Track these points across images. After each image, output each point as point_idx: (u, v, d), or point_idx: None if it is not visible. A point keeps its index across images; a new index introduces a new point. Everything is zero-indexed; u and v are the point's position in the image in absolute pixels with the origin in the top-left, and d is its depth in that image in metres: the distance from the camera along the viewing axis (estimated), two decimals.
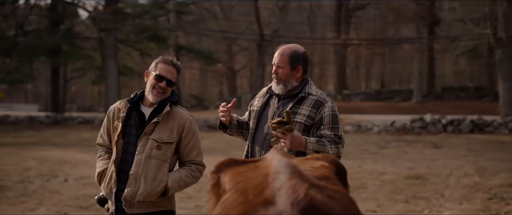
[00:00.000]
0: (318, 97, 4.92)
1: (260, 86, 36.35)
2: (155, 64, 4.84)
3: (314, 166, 2.72)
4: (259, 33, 37.57)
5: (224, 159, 2.85)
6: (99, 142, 5.11)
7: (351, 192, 8.86)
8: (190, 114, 4.99)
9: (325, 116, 4.83)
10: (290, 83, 4.92)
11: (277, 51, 5.00)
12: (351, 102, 43.84)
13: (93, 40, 36.68)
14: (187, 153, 4.93)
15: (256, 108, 5.10)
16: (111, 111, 4.99)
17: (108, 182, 4.82)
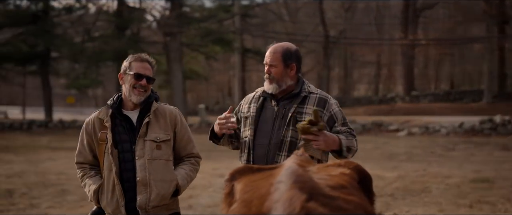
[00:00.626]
0: (320, 95, 4.75)
1: (327, 89, 36.03)
2: (128, 64, 4.60)
3: (333, 174, 2.52)
4: (324, 35, 37.21)
5: (239, 166, 2.69)
6: (79, 160, 4.78)
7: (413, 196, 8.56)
8: (175, 107, 4.80)
9: (335, 113, 4.68)
10: (284, 82, 4.70)
11: (268, 50, 4.78)
12: (420, 103, 43.03)
13: (158, 45, 36.97)
14: (183, 147, 4.75)
15: (251, 113, 4.83)
16: (89, 124, 4.70)
17: (111, 197, 4.54)
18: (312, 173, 2.37)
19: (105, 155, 4.57)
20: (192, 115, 40.57)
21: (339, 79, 58.54)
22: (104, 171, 4.59)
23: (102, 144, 4.57)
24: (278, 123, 4.68)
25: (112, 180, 4.52)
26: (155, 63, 4.69)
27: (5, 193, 12.23)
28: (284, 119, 4.66)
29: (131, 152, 4.54)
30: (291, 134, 4.60)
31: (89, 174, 4.69)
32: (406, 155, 18.18)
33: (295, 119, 4.62)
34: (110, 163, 4.52)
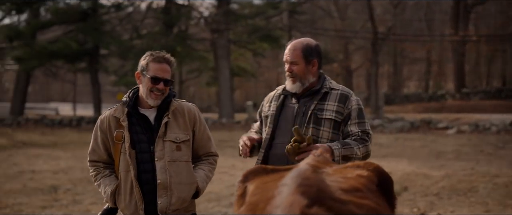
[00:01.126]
0: (341, 91, 4.58)
1: (375, 85, 35.63)
2: (145, 63, 4.42)
3: (349, 176, 2.39)
4: (373, 31, 36.81)
5: (253, 167, 2.58)
6: (93, 158, 4.60)
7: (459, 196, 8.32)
8: (193, 104, 4.63)
9: (352, 111, 4.52)
10: (307, 79, 4.56)
11: (287, 47, 4.63)
12: (470, 101, 42.29)
13: (206, 42, 37.04)
14: (202, 146, 4.60)
15: (271, 112, 4.69)
16: (104, 121, 4.51)
17: (129, 200, 4.39)
18: (326, 175, 2.26)
19: (121, 155, 4.42)
20: (240, 111, 40.58)
21: (389, 76, 57.96)
22: (120, 171, 4.44)
23: (118, 143, 4.42)
24: (299, 121, 4.54)
25: (130, 182, 4.38)
26: (175, 62, 4.53)
27: (50, 188, 12.35)
28: (305, 116, 4.52)
29: (150, 152, 4.39)
30: (312, 131, 4.47)
31: (103, 173, 4.55)
32: (454, 153, 17.82)
33: (316, 116, 4.49)
34: (128, 164, 4.37)
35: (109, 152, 4.52)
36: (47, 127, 32.27)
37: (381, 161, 15.82)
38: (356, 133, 4.50)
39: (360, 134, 4.50)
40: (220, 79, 33.74)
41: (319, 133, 4.49)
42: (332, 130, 4.52)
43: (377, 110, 32.49)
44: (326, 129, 4.50)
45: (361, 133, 4.51)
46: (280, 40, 36.31)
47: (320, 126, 4.51)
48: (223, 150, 17.95)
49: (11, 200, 11.21)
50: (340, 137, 4.58)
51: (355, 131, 4.51)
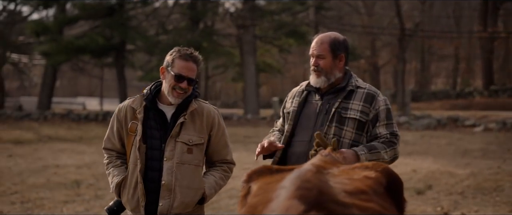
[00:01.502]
0: (368, 90, 4.39)
1: (402, 82, 35.35)
2: (171, 59, 4.26)
3: (355, 177, 2.30)
4: (400, 28, 36.52)
5: (258, 167, 2.49)
6: (108, 146, 4.51)
7: (484, 195, 8.16)
8: (215, 107, 4.45)
9: (380, 112, 4.33)
10: (333, 75, 4.39)
11: (314, 40, 4.44)
12: (498, 98, 41.79)
13: (232, 37, 37.01)
14: (217, 152, 4.42)
15: (293, 108, 4.51)
16: (122, 110, 4.40)
17: (132, 194, 4.27)
18: (331, 176, 2.17)
19: (132, 148, 4.32)
20: (266, 107, 40.50)
21: (416, 73, 57.49)
22: (129, 164, 4.35)
23: (131, 135, 4.32)
24: (321, 119, 4.39)
25: (136, 177, 4.27)
26: (202, 60, 4.38)
27: (73, 183, 12.38)
28: (327, 114, 4.36)
29: (160, 150, 4.27)
30: (334, 130, 4.32)
31: (115, 163, 4.45)
32: (481, 152, 17.58)
33: (340, 115, 4.33)
34: (136, 158, 4.27)
35: (122, 142, 4.43)
36: (73, 121, 32.46)
37: (406, 158, 15.69)
38: (385, 135, 4.36)
39: (389, 136, 4.36)
40: (246, 75, 33.69)
41: (341, 133, 4.34)
42: (356, 130, 4.37)
43: (403, 107, 32.25)
44: (350, 128, 4.35)
45: (389, 135, 4.36)
46: (306, 36, 36.15)
47: (344, 126, 4.36)
48: (247, 146, 17.93)
49: (34, 194, 11.25)
50: (363, 138, 4.42)
51: (383, 133, 4.37)
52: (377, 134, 4.38)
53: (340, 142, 4.32)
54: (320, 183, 1.98)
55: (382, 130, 4.38)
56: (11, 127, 29.01)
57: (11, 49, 44.86)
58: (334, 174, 2.23)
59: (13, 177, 13.43)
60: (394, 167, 10.58)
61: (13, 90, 64.60)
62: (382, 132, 4.37)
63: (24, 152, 18.76)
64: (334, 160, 2.81)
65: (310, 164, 2.31)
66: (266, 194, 2.03)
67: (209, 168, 4.54)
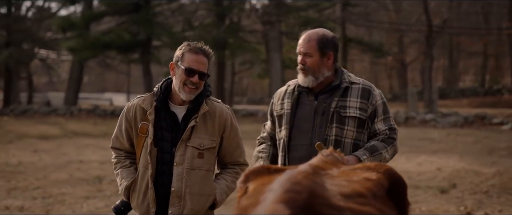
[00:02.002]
0: (363, 85, 4.27)
1: (429, 79, 35.00)
2: (181, 54, 4.09)
3: (354, 179, 2.20)
4: (427, 24, 36.15)
5: (255, 167, 2.40)
6: (116, 145, 4.36)
7: (509, 194, 7.99)
8: (227, 107, 4.29)
9: (378, 106, 4.22)
10: (321, 73, 4.24)
11: (301, 37, 4.30)
12: None
13: (258, 33, 36.91)
14: (230, 154, 4.26)
15: (285, 111, 4.34)
16: (130, 110, 4.24)
17: (142, 200, 4.14)
18: (328, 177, 2.07)
19: (143, 150, 4.18)
20: None
21: (444, 70, 56.95)
22: (139, 166, 4.21)
23: (141, 137, 4.18)
24: (319, 120, 4.24)
25: (146, 182, 4.14)
26: (213, 55, 4.22)
27: (95, 179, 12.40)
28: (326, 115, 4.22)
29: (171, 154, 4.13)
30: (336, 131, 4.19)
31: (124, 163, 4.31)
32: (508, 150, 17.31)
33: (339, 114, 4.19)
34: (147, 161, 4.13)
35: (131, 142, 4.30)
36: (99, 117, 32.58)
37: (432, 156, 15.52)
38: (384, 131, 4.26)
39: (388, 132, 4.26)
40: (272, 72, 33.58)
41: (343, 133, 4.22)
42: (357, 128, 4.26)
43: (430, 104, 31.97)
44: (350, 128, 4.23)
45: (388, 130, 4.27)
46: (333, 33, 35.92)
47: (344, 125, 4.25)
48: None
49: (56, 190, 11.29)
50: (364, 136, 4.31)
51: (382, 129, 4.27)
52: (376, 130, 4.28)
53: (342, 142, 4.22)
54: (314, 185, 1.88)
55: (381, 126, 4.28)
56: (38, 122, 29.19)
57: (40, 45, 45.19)
58: (332, 175, 2.14)
59: (36, 172, 13.50)
60: (419, 166, 10.51)
61: (42, 86, 65.16)
62: (381, 127, 4.27)
63: (49, 147, 18.86)
64: (336, 160, 2.70)
65: (307, 165, 2.22)
66: (257, 196, 1.94)
67: (221, 170, 4.41)
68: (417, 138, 20.79)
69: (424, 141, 20.08)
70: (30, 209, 9.70)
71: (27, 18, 44.30)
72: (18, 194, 10.96)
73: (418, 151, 17.03)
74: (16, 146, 19.27)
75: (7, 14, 42.02)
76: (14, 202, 10.21)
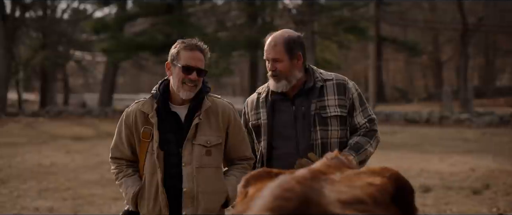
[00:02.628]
0: (336, 80, 4.16)
1: (464, 78, 34.58)
2: (176, 52, 3.99)
3: (357, 184, 2.09)
4: (462, 23, 35.71)
5: (256, 171, 2.30)
6: (116, 155, 4.22)
7: None
8: (229, 102, 4.18)
9: (354, 99, 4.12)
10: (293, 76, 4.11)
11: (266, 42, 4.15)
12: None
13: None
14: (236, 149, 4.15)
15: (262, 121, 4.21)
16: (130, 115, 4.12)
17: (153, 206, 3.99)
18: (329, 182, 1.98)
19: (147, 155, 4.06)
20: None
21: (481, 69, 56.24)
22: (145, 173, 4.08)
23: (145, 142, 4.05)
24: (301, 126, 4.12)
25: (156, 186, 4.01)
26: (208, 51, 4.16)
27: None
28: (307, 119, 4.10)
29: (177, 155, 4.02)
30: (320, 134, 4.08)
31: (126, 172, 4.17)
32: None
33: (320, 116, 4.08)
34: (155, 166, 4.01)
35: (133, 149, 4.17)
36: None
37: (465, 156, 15.30)
38: (363, 124, 4.18)
39: (368, 124, 4.18)
40: None
41: (328, 134, 4.12)
42: (340, 126, 4.16)
43: (465, 104, 31.60)
44: (334, 127, 4.13)
45: (368, 123, 4.19)
46: (367, 32, 35.69)
47: (328, 126, 4.14)
48: None
49: (86, 191, 11.32)
50: (347, 132, 4.22)
51: (362, 122, 4.18)
52: (356, 124, 4.20)
53: (328, 143, 4.11)
54: (309, 191, 1.79)
55: (360, 119, 4.19)
56: (72, 123, 29.45)
57: (75, 47, 45.64)
58: (334, 181, 2.04)
59: (68, 173, 13.58)
60: (452, 166, 10.30)
61: (78, 87, 65.78)
62: (360, 120, 4.19)
63: (82, 148, 18.97)
64: (340, 164, 2.57)
65: (307, 169, 2.14)
66: (249, 202, 1.87)
67: (228, 166, 4.30)
68: (451, 138, 20.54)
69: (458, 141, 19.83)
70: (59, 210, 9.73)
71: (62, 21, 44.74)
72: (48, 195, 11.01)
73: (451, 151, 16.81)
74: (49, 147, 19.42)
75: (43, 16, 42.51)
76: (44, 203, 10.26)
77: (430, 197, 10.36)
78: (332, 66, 40.21)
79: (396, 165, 13.87)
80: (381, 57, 47.34)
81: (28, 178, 12.89)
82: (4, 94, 37.56)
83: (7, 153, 17.43)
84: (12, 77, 42.14)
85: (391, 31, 50.05)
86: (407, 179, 2.37)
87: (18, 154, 17.24)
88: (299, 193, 1.76)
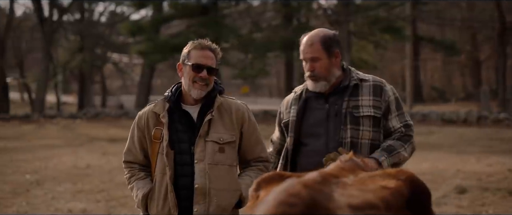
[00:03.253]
0: (373, 81, 4.03)
1: (503, 77, 34.09)
2: (187, 52, 3.97)
3: (369, 188, 2.02)
4: (499, 21, 35.19)
5: (268, 174, 2.23)
6: (128, 159, 4.18)
7: None
8: (243, 103, 4.10)
9: (391, 102, 3.98)
10: (332, 75, 4.01)
11: (302, 42, 4.03)
12: None
13: None
14: (251, 149, 4.06)
15: (291, 118, 4.11)
16: (142, 118, 4.09)
17: (162, 206, 3.93)
18: (340, 186, 1.91)
19: (158, 156, 4.00)
20: None
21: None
22: (156, 174, 4.02)
23: (156, 143, 4.01)
24: (333, 124, 4.01)
25: (165, 186, 3.95)
26: (219, 51, 4.09)
27: None
28: (338, 117, 3.99)
29: (190, 154, 3.95)
30: (351, 133, 3.96)
31: (138, 175, 4.12)
32: None
33: (352, 115, 3.97)
34: (164, 166, 3.95)
35: (145, 153, 4.13)
36: None
37: (503, 157, 15.10)
38: (399, 129, 4.04)
39: (403, 129, 4.04)
40: None
41: (358, 134, 3.99)
42: (373, 128, 4.02)
43: (504, 103, 31.14)
44: (366, 127, 4.00)
45: (404, 128, 4.05)
46: (403, 32, 35.36)
47: (359, 126, 4.01)
48: None
49: (119, 193, 11.36)
50: (381, 135, 4.08)
51: (397, 126, 4.05)
52: (390, 128, 4.06)
53: (358, 144, 3.99)
54: (317, 196, 1.72)
55: (395, 123, 4.06)
56: (109, 125, 29.65)
57: (112, 49, 46.06)
58: (346, 184, 1.96)
59: (103, 175, 13.65)
60: (489, 167, 10.15)
61: (116, 90, 66.31)
62: (396, 124, 4.05)
63: (118, 150, 19.04)
64: (355, 166, 2.47)
65: (318, 172, 2.06)
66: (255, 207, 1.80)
67: (243, 168, 4.20)
68: (488, 138, 20.25)
69: (496, 141, 19.53)
70: (92, 212, 9.78)
71: (99, 23, 45.19)
72: (82, 197, 11.08)
73: (489, 152, 16.56)
74: (86, 149, 19.57)
75: (80, 19, 42.96)
76: (77, 205, 10.32)
77: (466, 198, 10.19)
78: (369, 66, 39.99)
79: (432, 165, 13.71)
80: (418, 57, 46.91)
81: (63, 180, 12.99)
82: (43, 97, 38.05)
83: (44, 155, 17.61)
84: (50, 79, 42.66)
85: (428, 30, 49.54)
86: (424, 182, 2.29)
87: (55, 156, 17.41)
88: (305, 198, 1.69)
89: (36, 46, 46.95)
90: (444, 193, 10.72)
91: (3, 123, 31.16)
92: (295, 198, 1.69)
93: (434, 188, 11.06)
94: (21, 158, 17.01)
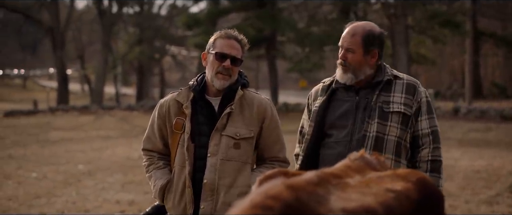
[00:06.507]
0: (407, 80, 3.91)
1: None
2: (212, 41, 3.87)
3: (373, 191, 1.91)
4: None
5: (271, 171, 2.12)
6: (147, 147, 4.07)
7: None
8: (268, 98, 3.96)
9: (422, 104, 3.88)
10: (362, 72, 3.87)
11: (346, 30, 3.89)
12: None
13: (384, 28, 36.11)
14: (269, 147, 3.92)
15: (314, 108, 4.00)
16: (163, 106, 3.98)
17: (179, 200, 3.83)
18: (340, 188, 1.80)
19: (179, 147, 3.90)
20: None
21: None
22: (175, 165, 3.92)
23: (177, 133, 3.90)
24: (361, 116, 3.90)
25: (183, 180, 3.84)
26: (246, 43, 3.97)
27: None
28: (367, 110, 3.89)
29: (207, 147, 3.83)
30: (377, 127, 3.85)
31: (157, 164, 4.03)
32: None
33: (382, 110, 3.86)
34: (184, 159, 3.84)
35: (165, 141, 4.03)
36: None
37: None
38: (427, 134, 3.92)
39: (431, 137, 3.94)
40: (398, 66, 32.72)
41: (385, 129, 3.87)
42: (400, 125, 3.90)
43: None
44: (394, 124, 3.88)
45: (431, 135, 3.93)
46: (462, 26, 34.67)
47: (387, 121, 3.89)
48: None
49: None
50: (407, 135, 3.95)
51: (425, 130, 3.92)
52: (418, 130, 3.94)
53: (384, 139, 3.88)
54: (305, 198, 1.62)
55: (424, 125, 3.93)
56: None
57: (170, 42, 46.41)
58: (347, 185, 1.85)
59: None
60: None
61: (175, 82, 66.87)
62: (424, 127, 3.93)
63: None
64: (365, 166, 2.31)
65: (317, 172, 1.95)
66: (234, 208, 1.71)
67: (257, 166, 4.07)
68: None
69: None
70: (139, 203, 9.83)
71: (159, 16, 45.55)
72: (131, 188, 11.17)
73: None
74: (140, 140, 19.64)
75: (140, 12, 43.40)
76: (125, 196, 10.41)
77: None
78: (427, 61, 39.36)
79: (487, 163, 13.39)
80: (479, 52, 45.92)
81: (115, 170, 13.13)
82: (101, 88, 38.60)
83: (99, 146, 17.86)
84: (110, 71, 43.23)
85: (490, 25, 48.45)
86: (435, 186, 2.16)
87: (109, 147, 17.63)
88: (286, 200, 1.59)
89: (97, 38, 47.65)
90: (498, 191, 10.47)
91: (63, 113, 31.76)
92: (273, 200, 1.58)
93: (487, 187, 10.82)
94: (76, 148, 17.28)
